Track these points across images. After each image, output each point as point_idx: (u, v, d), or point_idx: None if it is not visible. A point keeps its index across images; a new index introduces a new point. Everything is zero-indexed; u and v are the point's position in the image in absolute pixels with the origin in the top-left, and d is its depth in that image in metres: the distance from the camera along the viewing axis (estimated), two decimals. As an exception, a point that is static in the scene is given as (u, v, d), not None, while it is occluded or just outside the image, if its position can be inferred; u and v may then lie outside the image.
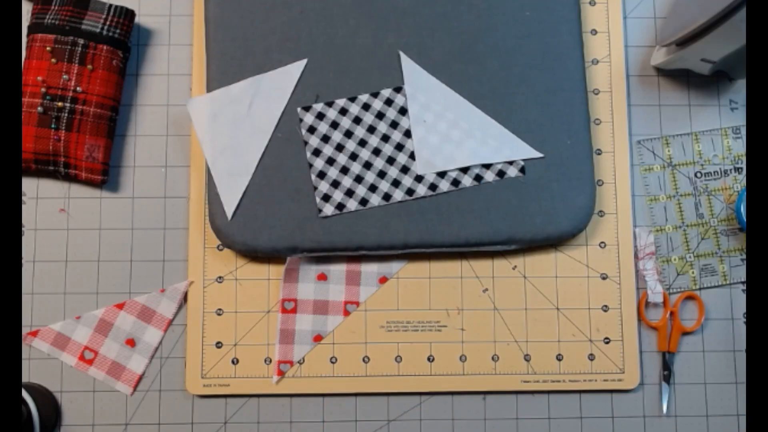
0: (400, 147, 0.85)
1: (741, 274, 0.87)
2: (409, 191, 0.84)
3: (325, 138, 0.85)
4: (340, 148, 0.85)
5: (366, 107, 0.85)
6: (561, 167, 0.85)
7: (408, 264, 0.86)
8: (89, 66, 0.84)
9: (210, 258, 0.86)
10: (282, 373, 0.84)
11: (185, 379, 0.84)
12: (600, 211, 0.87)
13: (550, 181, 0.84)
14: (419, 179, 0.84)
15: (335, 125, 0.85)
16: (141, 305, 0.85)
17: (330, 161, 0.84)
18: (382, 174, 0.84)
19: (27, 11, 0.88)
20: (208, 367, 0.84)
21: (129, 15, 0.86)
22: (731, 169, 0.89)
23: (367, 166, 0.85)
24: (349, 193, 0.84)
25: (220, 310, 0.85)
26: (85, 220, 0.87)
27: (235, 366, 0.84)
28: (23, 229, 0.86)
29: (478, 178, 0.84)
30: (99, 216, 0.87)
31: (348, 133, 0.85)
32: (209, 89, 0.85)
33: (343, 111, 0.85)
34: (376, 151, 0.85)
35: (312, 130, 0.85)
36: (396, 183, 0.84)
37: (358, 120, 0.85)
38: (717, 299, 0.87)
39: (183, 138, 0.88)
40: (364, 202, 0.84)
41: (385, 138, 0.85)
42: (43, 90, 0.83)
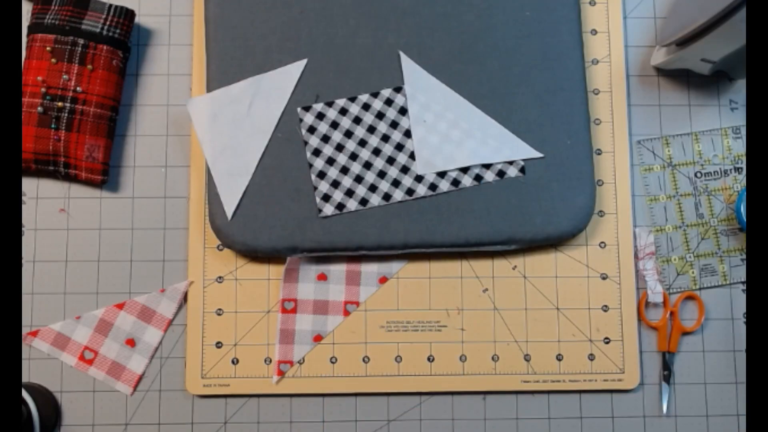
0: (400, 147, 0.85)
1: (741, 274, 0.87)
2: (409, 191, 0.84)
3: (325, 138, 0.85)
4: (340, 148, 0.85)
5: (366, 107, 0.85)
6: (561, 167, 0.85)
7: (408, 264, 0.86)
8: (89, 66, 0.84)
9: (210, 258, 0.86)
10: (282, 373, 0.84)
11: (185, 379, 0.84)
12: (600, 211, 0.87)
13: (550, 181, 0.84)
14: (419, 179, 0.84)
15: (335, 125, 0.85)
16: (141, 305, 0.85)
17: (330, 161, 0.84)
18: (382, 174, 0.84)
19: (27, 11, 0.88)
20: (208, 367, 0.84)
21: (129, 15, 0.86)
22: (731, 169, 0.89)
23: (367, 166, 0.84)
24: (349, 193, 0.84)
25: (220, 310, 0.85)
26: (85, 220, 0.87)
27: (235, 366, 0.84)
28: (23, 229, 0.86)
29: (478, 178, 0.84)
30: (99, 216, 0.87)
31: (348, 133, 0.85)
32: (209, 89, 0.85)
33: (343, 111, 0.85)
34: (376, 151, 0.85)
35: (312, 130, 0.85)
36: (396, 183, 0.84)
37: (358, 120, 0.85)
38: (717, 299, 0.87)
39: (183, 138, 0.88)
40: (364, 202, 0.84)
41: (385, 138, 0.85)
42: (43, 90, 0.83)
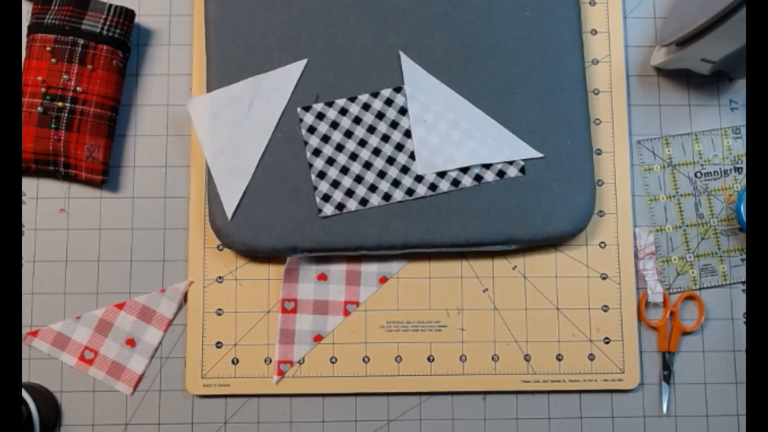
0: (400, 147, 0.85)
1: (741, 274, 0.87)
2: (409, 191, 0.84)
3: (325, 138, 0.85)
4: (340, 148, 0.85)
5: (366, 107, 0.85)
6: (561, 167, 0.85)
7: (408, 264, 0.86)
8: (89, 66, 0.84)
9: (210, 258, 0.86)
10: (282, 373, 0.84)
11: (185, 379, 0.84)
12: (600, 211, 0.87)
13: (550, 181, 0.84)
14: (419, 179, 0.84)
15: (335, 125, 0.85)
16: (141, 305, 0.85)
17: (330, 161, 0.84)
18: (382, 174, 0.84)
19: (27, 11, 0.88)
20: (208, 367, 0.84)
21: (129, 15, 0.86)
22: (731, 169, 0.89)
23: (367, 166, 0.84)
24: (349, 193, 0.84)
25: (220, 310, 0.85)
26: (85, 220, 0.87)
27: (235, 366, 0.84)
28: (23, 229, 0.86)
29: (478, 178, 0.84)
30: (99, 216, 0.87)
31: (348, 133, 0.85)
32: (209, 89, 0.85)
33: (343, 111, 0.85)
34: (376, 151, 0.85)
35: (312, 130, 0.85)
36: (396, 183, 0.84)
37: (358, 120, 0.85)
38: (717, 299, 0.87)
39: (183, 138, 0.88)
40: (364, 202, 0.84)
41: (385, 138, 0.85)
42: (43, 90, 0.83)
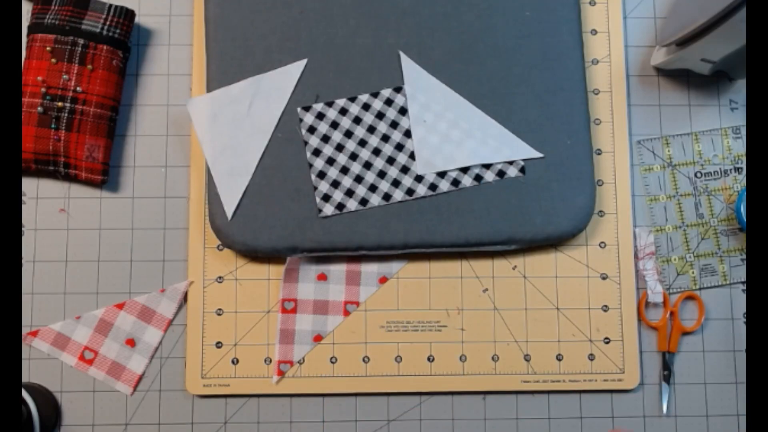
0: (400, 147, 0.85)
1: (741, 274, 0.87)
2: (409, 191, 0.84)
3: (325, 138, 0.85)
4: (340, 148, 0.85)
5: (366, 107, 0.85)
6: (561, 167, 0.84)
7: (408, 264, 0.86)
8: (89, 66, 0.84)
9: (210, 258, 0.86)
10: (282, 373, 0.84)
11: (185, 379, 0.84)
12: (600, 211, 0.87)
13: (550, 181, 0.84)
14: (419, 179, 0.84)
15: (335, 125, 0.85)
16: (141, 305, 0.85)
17: (330, 161, 0.84)
18: (382, 174, 0.84)
19: (27, 11, 0.88)
20: (208, 367, 0.84)
21: (129, 15, 0.86)
22: (731, 169, 0.89)
23: (367, 166, 0.84)
24: (349, 193, 0.84)
25: (220, 310, 0.85)
26: (85, 220, 0.87)
27: (235, 366, 0.84)
28: (23, 229, 0.86)
29: (478, 178, 0.84)
30: (99, 216, 0.87)
31: (348, 133, 0.85)
32: (209, 89, 0.85)
33: (343, 111, 0.85)
34: (376, 151, 0.85)
35: (312, 130, 0.85)
36: (396, 183, 0.84)
37: (358, 120, 0.85)
38: (717, 299, 0.87)
39: (183, 138, 0.88)
40: (364, 202, 0.84)
41: (385, 138, 0.85)
42: (43, 90, 0.83)
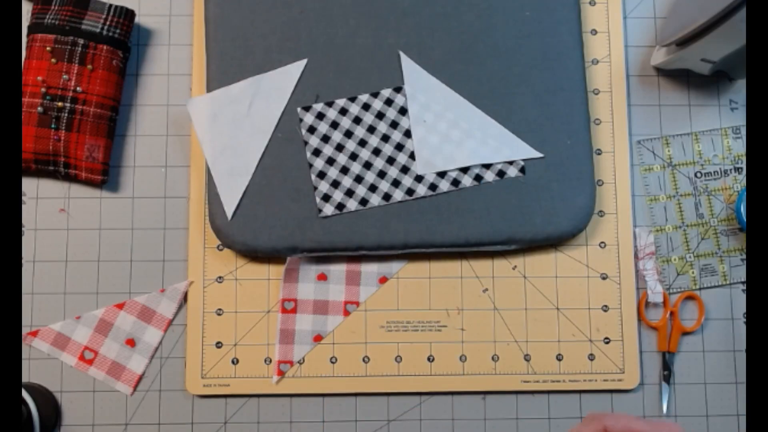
0: (400, 147, 0.85)
1: (741, 274, 0.87)
2: (409, 191, 0.84)
3: (325, 138, 0.85)
4: (340, 148, 0.85)
5: (366, 107, 0.85)
6: (561, 167, 0.84)
7: (408, 264, 0.86)
8: (89, 66, 0.84)
9: (210, 258, 0.86)
10: (282, 373, 0.84)
11: (185, 379, 0.84)
12: (600, 211, 0.87)
13: (550, 181, 0.84)
14: (419, 179, 0.84)
15: (335, 125, 0.85)
16: (141, 305, 0.85)
17: (330, 161, 0.84)
18: (382, 174, 0.84)
19: (27, 11, 0.88)
20: (208, 367, 0.84)
21: (129, 15, 0.86)
22: (731, 169, 0.89)
23: (367, 166, 0.84)
24: (349, 193, 0.84)
25: (220, 310, 0.85)
26: (85, 220, 0.87)
27: (235, 366, 0.84)
28: (23, 229, 0.86)
29: (478, 178, 0.84)
30: (99, 216, 0.87)
31: (348, 133, 0.85)
32: (209, 89, 0.85)
33: (343, 111, 0.85)
34: (376, 151, 0.85)
35: (312, 130, 0.85)
36: (396, 183, 0.84)
37: (358, 120, 0.85)
38: (717, 299, 0.87)
39: (183, 138, 0.88)
40: (364, 202, 0.84)
41: (385, 138, 0.85)
42: (43, 90, 0.83)
